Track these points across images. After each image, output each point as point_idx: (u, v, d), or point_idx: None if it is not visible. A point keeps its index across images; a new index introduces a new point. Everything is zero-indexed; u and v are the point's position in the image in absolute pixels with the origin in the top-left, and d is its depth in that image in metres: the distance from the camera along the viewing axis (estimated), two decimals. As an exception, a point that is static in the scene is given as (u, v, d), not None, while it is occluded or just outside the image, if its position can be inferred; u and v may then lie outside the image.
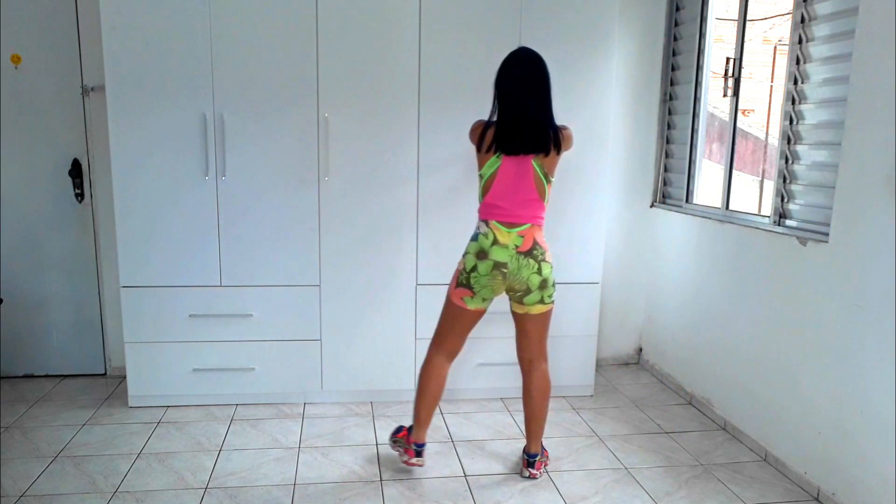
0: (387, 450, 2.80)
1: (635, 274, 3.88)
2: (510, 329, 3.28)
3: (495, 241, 2.40)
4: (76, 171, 3.41)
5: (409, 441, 2.60)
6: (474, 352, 3.30)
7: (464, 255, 2.49)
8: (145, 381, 3.17)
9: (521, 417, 3.16)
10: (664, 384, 3.66)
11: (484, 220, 2.46)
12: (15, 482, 2.51)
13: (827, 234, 2.45)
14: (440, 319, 2.60)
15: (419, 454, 2.59)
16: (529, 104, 2.39)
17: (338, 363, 3.24)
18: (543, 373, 2.60)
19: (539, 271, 2.42)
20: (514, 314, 2.57)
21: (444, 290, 3.21)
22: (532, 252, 2.41)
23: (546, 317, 2.55)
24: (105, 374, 3.62)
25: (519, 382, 3.37)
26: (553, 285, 2.50)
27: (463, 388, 3.34)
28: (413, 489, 2.52)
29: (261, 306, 3.13)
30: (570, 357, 3.38)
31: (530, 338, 2.57)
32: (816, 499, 2.49)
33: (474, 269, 2.43)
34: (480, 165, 2.47)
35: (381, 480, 2.58)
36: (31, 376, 3.57)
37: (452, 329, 2.56)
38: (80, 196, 3.44)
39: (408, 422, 3.07)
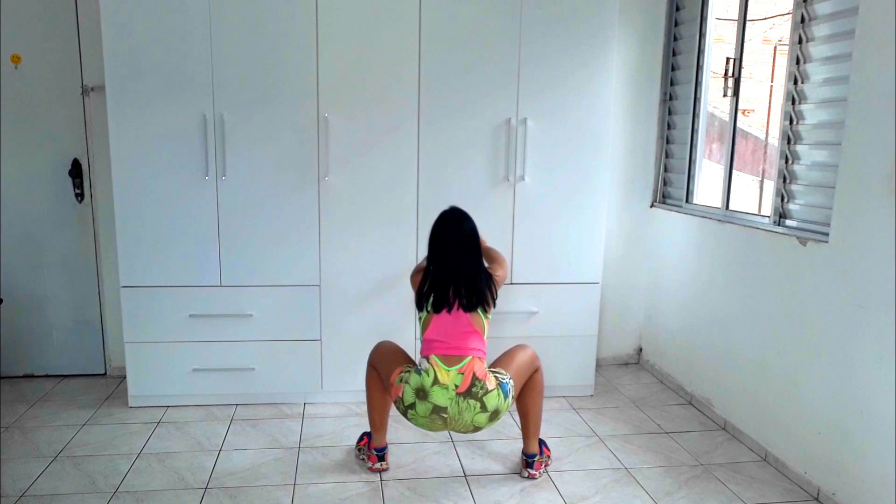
0: (388, 450, 2.80)
1: (635, 274, 3.88)
2: (509, 329, 3.30)
3: (435, 381, 2.32)
4: (76, 171, 3.41)
5: (370, 448, 2.64)
6: (474, 352, 3.30)
7: (403, 381, 2.39)
8: (145, 381, 3.17)
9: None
10: (664, 384, 3.66)
11: (425, 356, 2.41)
12: (15, 482, 2.51)
13: (827, 234, 2.45)
14: (379, 349, 2.59)
15: (381, 458, 2.62)
16: (457, 267, 2.40)
17: (338, 363, 3.24)
18: (534, 379, 2.59)
19: (483, 408, 2.33)
20: None
21: (444, 290, 3.22)
22: (471, 391, 2.32)
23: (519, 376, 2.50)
24: (105, 374, 3.62)
25: (519, 382, 3.38)
26: (506, 399, 2.38)
27: (463, 388, 3.33)
28: (413, 489, 2.52)
29: (261, 306, 3.13)
30: (570, 357, 3.39)
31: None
32: (816, 499, 2.49)
33: (412, 406, 2.36)
34: (418, 309, 2.48)
35: (381, 480, 2.58)
36: (31, 376, 3.57)
37: (389, 362, 2.54)
38: (80, 196, 3.44)
39: (406, 422, 3.07)
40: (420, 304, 2.45)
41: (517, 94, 3.11)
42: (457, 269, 2.41)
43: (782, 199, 2.77)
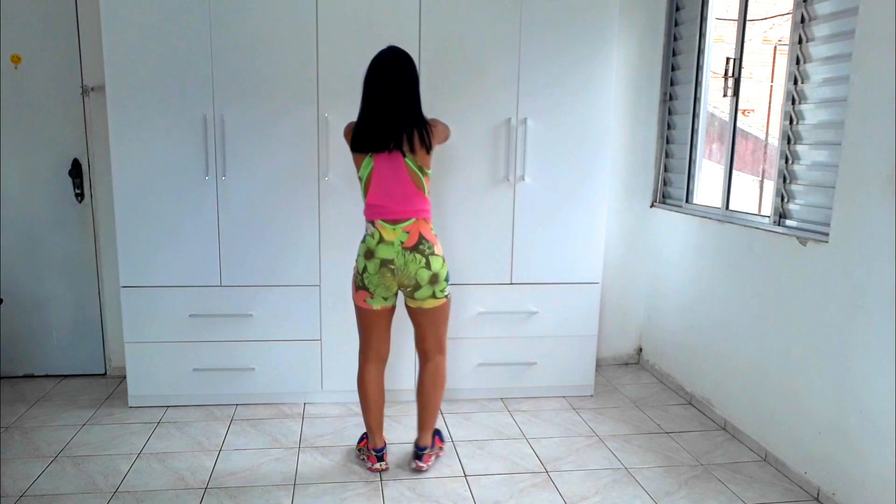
0: (387, 450, 2.79)
1: (635, 274, 3.88)
2: (510, 329, 3.30)
3: (381, 240, 2.41)
4: (76, 171, 3.41)
5: (369, 448, 2.64)
6: (474, 352, 3.31)
7: (356, 259, 2.50)
8: (145, 381, 3.17)
9: (521, 417, 3.17)
10: (664, 384, 3.66)
11: (370, 220, 2.46)
12: (15, 482, 2.51)
13: (827, 234, 2.45)
14: (358, 328, 2.62)
15: (381, 458, 2.63)
16: (387, 104, 2.37)
17: (338, 363, 3.24)
18: (437, 365, 2.63)
19: (427, 265, 2.42)
20: (408, 308, 2.59)
21: (444, 290, 3.23)
22: (418, 247, 2.41)
23: (439, 311, 2.55)
24: (105, 374, 3.62)
25: (519, 382, 3.39)
26: (446, 279, 2.49)
27: (463, 388, 3.34)
28: (413, 489, 2.52)
29: (261, 306, 3.13)
30: (570, 357, 3.39)
31: (425, 331, 2.59)
32: (816, 499, 2.49)
33: (365, 269, 2.44)
34: (357, 167, 2.49)
35: (381, 480, 2.58)
36: (31, 376, 3.57)
37: (370, 333, 2.58)
38: (80, 196, 3.44)
39: (406, 422, 3.07)
40: (354, 145, 2.44)
41: (517, 94, 3.11)
42: (390, 109, 2.37)
43: (782, 199, 2.77)
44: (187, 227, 3.05)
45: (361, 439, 2.76)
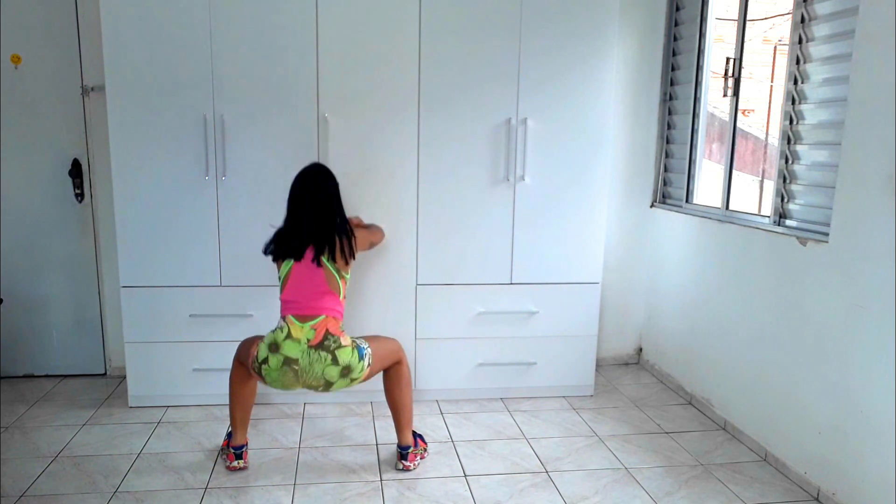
0: (387, 450, 2.80)
1: (635, 274, 3.88)
2: (510, 329, 3.30)
3: (288, 335, 2.37)
4: (76, 171, 3.41)
5: (229, 446, 2.64)
6: (474, 352, 3.31)
7: (258, 344, 2.43)
8: (145, 381, 3.17)
9: (521, 417, 3.17)
10: (664, 384, 3.66)
11: (282, 316, 2.46)
12: (15, 482, 2.51)
13: (827, 234, 2.45)
14: (241, 344, 2.60)
15: (239, 457, 2.62)
16: (305, 216, 2.48)
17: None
18: (396, 370, 2.63)
19: (335, 361, 2.36)
20: None
21: (443, 290, 3.24)
22: (323, 343, 2.36)
23: (368, 376, 2.50)
24: (105, 374, 3.62)
25: (519, 382, 3.39)
26: (360, 360, 2.41)
27: (463, 388, 3.34)
28: (413, 489, 2.52)
29: (261, 306, 3.13)
30: (570, 357, 3.39)
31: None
32: (816, 499, 2.49)
33: (265, 361, 2.37)
34: (277, 268, 2.54)
35: (381, 480, 2.58)
36: (31, 376, 3.57)
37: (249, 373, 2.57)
38: (80, 196, 3.44)
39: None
40: (266, 249, 2.53)
41: (517, 94, 3.11)
42: (307, 220, 2.47)
43: (782, 199, 2.77)
44: (188, 228, 3.05)
45: (224, 439, 2.77)
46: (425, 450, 2.77)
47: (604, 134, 3.22)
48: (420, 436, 2.78)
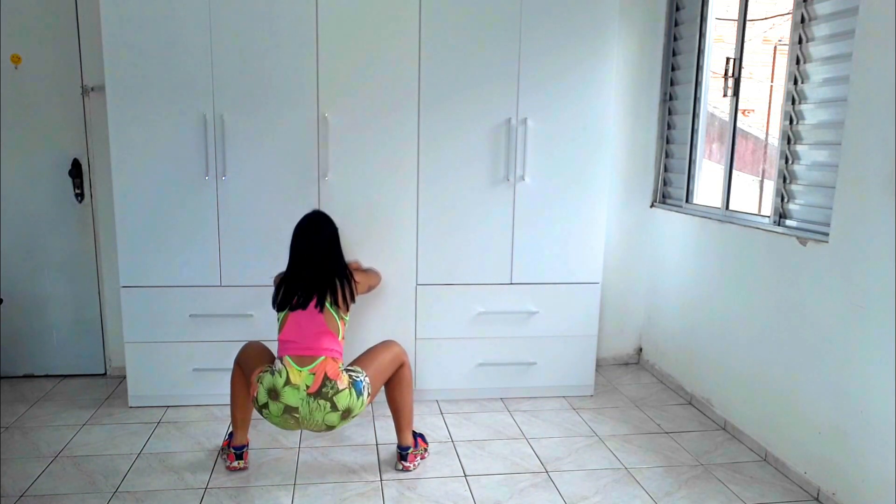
0: (387, 450, 2.80)
1: (635, 274, 3.88)
2: (510, 329, 3.30)
3: (287, 381, 2.34)
4: (76, 171, 3.41)
5: (230, 446, 2.64)
6: (474, 352, 3.31)
7: (258, 381, 2.39)
8: (145, 381, 3.17)
9: (521, 417, 3.17)
10: (664, 384, 3.66)
11: (279, 356, 2.44)
12: (15, 482, 2.51)
13: (827, 234, 2.45)
14: (244, 351, 2.61)
15: (239, 457, 2.63)
16: (309, 266, 2.50)
17: (338, 363, 3.24)
18: (399, 373, 2.63)
19: (334, 407, 2.36)
20: None
21: (443, 290, 3.24)
22: (321, 391, 2.34)
23: (371, 401, 2.51)
24: (105, 374, 3.62)
25: (519, 382, 3.39)
26: (359, 397, 2.40)
27: (463, 388, 3.34)
28: (413, 489, 2.52)
29: (261, 306, 3.12)
30: (570, 357, 3.39)
31: None
32: (816, 499, 2.49)
33: (265, 406, 2.38)
34: (277, 312, 2.54)
35: (381, 480, 2.58)
36: (31, 376, 3.57)
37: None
38: (80, 196, 3.44)
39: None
40: (274, 302, 2.54)
41: (517, 94, 3.11)
42: (309, 268, 2.50)
43: (782, 199, 2.77)
44: (187, 227, 3.05)
45: (225, 439, 2.77)
46: (426, 450, 2.77)
47: (604, 134, 3.22)
48: (421, 435, 2.78)
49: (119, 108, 2.94)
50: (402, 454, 2.65)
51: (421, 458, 2.72)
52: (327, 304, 2.46)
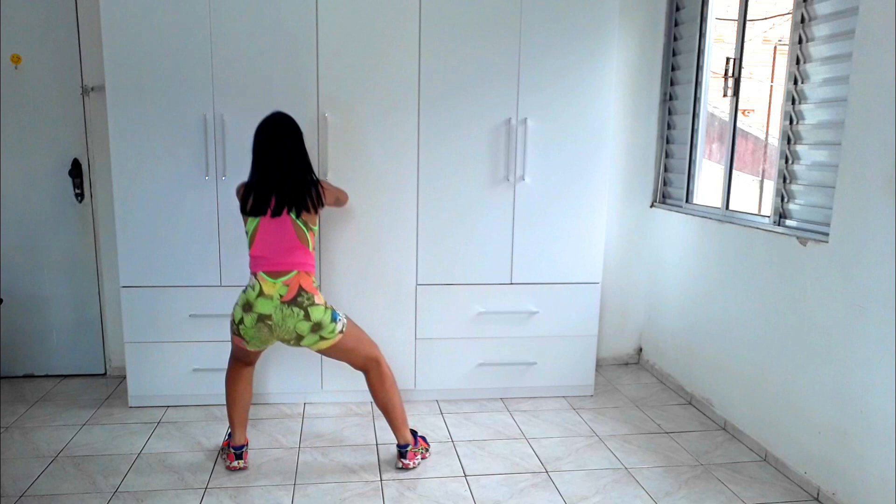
0: (387, 450, 2.80)
1: (635, 274, 3.88)
2: (510, 329, 3.30)
3: (260, 293, 2.39)
4: (76, 171, 3.41)
5: (230, 446, 2.64)
6: (474, 352, 3.31)
7: (233, 307, 2.48)
8: (145, 381, 3.17)
9: (521, 417, 3.17)
10: (664, 384, 3.66)
11: (252, 272, 2.46)
12: (15, 482, 2.51)
13: (827, 234, 2.45)
14: (232, 340, 2.61)
15: (239, 457, 2.62)
16: (274, 172, 2.45)
17: (338, 363, 3.22)
18: (377, 372, 2.63)
19: (307, 317, 2.40)
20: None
21: (443, 290, 3.25)
22: (297, 299, 2.39)
23: (339, 346, 2.53)
24: (105, 374, 3.62)
25: (519, 382, 3.39)
26: (333, 320, 2.46)
27: (463, 388, 3.34)
28: (413, 489, 2.52)
29: (261, 306, 3.13)
30: (570, 357, 3.39)
31: (342, 360, 2.61)
32: (816, 499, 2.49)
33: (241, 321, 2.42)
34: (244, 223, 2.51)
35: (381, 480, 2.58)
36: (31, 376, 3.57)
37: (240, 355, 2.59)
38: (80, 196, 3.44)
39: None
40: (243, 208, 2.48)
41: (517, 94, 3.11)
42: (276, 174, 2.43)
43: (782, 199, 2.77)
44: (187, 227, 3.05)
45: (224, 439, 2.77)
46: (426, 449, 2.76)
47: (604, 134, 3.22)
48: (422, 437, 2.79)
49: (119, 108, 2.94)
50: (402, 452, 2.65)
51: (422, 458, 2.72)
52: (295, 217, 2.44)
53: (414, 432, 2.73)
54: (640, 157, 3.79)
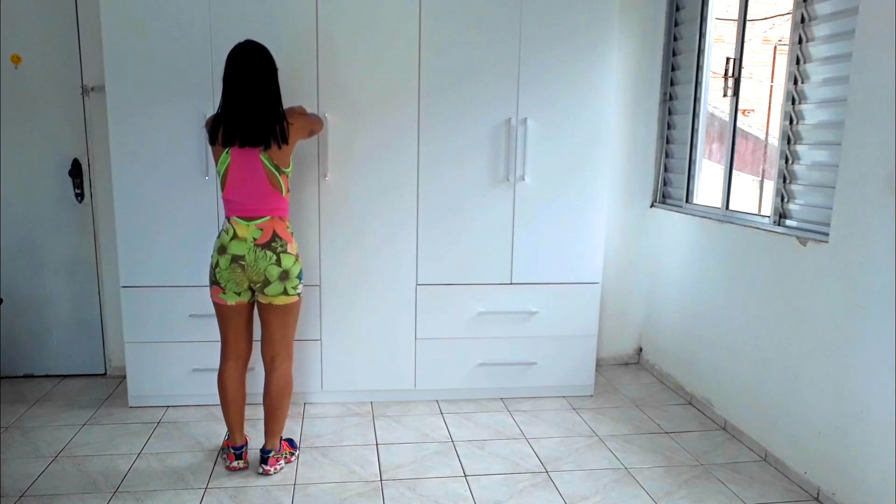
0: (387, 450, 2.80)
1: (635, 274, 3.88)
2: (510, 329, 3.30)
3: (234, 236, 2.44)
4: (76, 171, 3.41)
5: (230, 447, 2.64)
6: (474, 352, 3.31)
7: (211, 254, 2.53)
8: (145, 381, 3.17)
9: (521, 417, 3.17)
10: (664, 384, 3.66)
11: (227, 216, 2.49)
12: (15, 482, 2.51)
13: (827, 234, 2.45)
14: (218, 326, 2.61)
15: (239, 457, 2.62)
16: (246, 99, 2.39)
17: (338, 363, 3.24)
18: (284, 373, 2.61)
19: (278, 262, 2.45)
20: (258, 305, 2.57)
21: (443, 290, 3.25)
22: (270, 244, 2.45)
23: (289, 311, 2.55)
24: (105, 374, 3.62)
25: (519, 382, 3.39)
26: (298, 277, 2.52)
27: (463, 388, 3.34)
28: (413, 489, 2.52)
29: (261, 306, 3.13)
30: (570, 357, 3.39)
31: (272, 332, 2.57)
32: (816, 499, 2.49)
33: (217, 265, 2.47)
34: (215, 162, 2.49)
35: (381, 480, 2.58)
36: (31, 376, 3.57)
37: (228, 329, 2.58)
38: (80, 196, 3.44)
39: (407, 421, 3.07)
40: (212, 140, 2.46)
41: (517, 94, 3.11)
42: (246, 108, 2.38)
43: (782, 199, 2.77)
44: (187, 227, 3.05)
45: (224, 439, 2.76)
46: (292, 454, 2.72)
47: (604, 134, 3.22)
48: (292, 442, 2.77)
49: (119, 108, 2.94)
50: (264, 457, 2.61)
51: (286, 462, 2.67)
52: (264, 158, 2.41)
53: (289, 441, 2.74)
54: (640, 156, 3.79)
